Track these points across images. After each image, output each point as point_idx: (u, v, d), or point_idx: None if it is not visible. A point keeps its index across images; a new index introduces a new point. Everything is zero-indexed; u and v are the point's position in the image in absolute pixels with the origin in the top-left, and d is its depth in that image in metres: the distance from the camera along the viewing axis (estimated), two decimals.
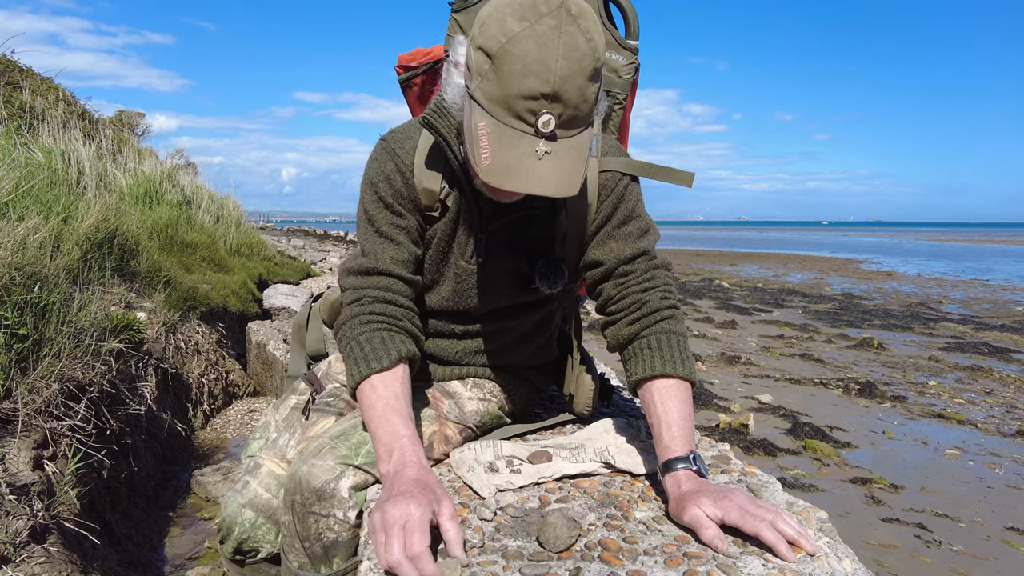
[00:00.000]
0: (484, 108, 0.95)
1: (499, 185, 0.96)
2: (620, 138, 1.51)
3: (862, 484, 3.51)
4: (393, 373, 1.09)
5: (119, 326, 2.78)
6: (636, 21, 1.42)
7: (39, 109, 5.92)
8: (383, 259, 1.18)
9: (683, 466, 1.02)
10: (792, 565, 0.87)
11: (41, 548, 1.61)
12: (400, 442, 1.01)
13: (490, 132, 0.95)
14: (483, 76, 0.94)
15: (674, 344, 1.14)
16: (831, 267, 19.62)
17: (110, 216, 3.52)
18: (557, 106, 0.92)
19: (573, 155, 0.97)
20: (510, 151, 0.94)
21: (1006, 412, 4.88)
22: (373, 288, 1.17)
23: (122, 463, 2.44)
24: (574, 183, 0.97)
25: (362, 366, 1.09)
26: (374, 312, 1.15)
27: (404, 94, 1.56)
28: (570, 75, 0.91)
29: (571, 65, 0.91)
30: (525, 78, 0.91)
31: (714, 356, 6.48)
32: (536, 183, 0.95)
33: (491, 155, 0.95)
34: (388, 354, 1.10)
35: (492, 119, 0.95)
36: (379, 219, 1.19)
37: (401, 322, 1.17)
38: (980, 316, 9.85)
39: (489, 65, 0.93)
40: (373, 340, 1.11)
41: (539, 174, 0.94)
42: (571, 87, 0.92)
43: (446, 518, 0.89)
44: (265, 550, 1.26)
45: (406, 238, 1.20)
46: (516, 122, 0.94)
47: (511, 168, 0.95)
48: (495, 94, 0.93)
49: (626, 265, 1.20)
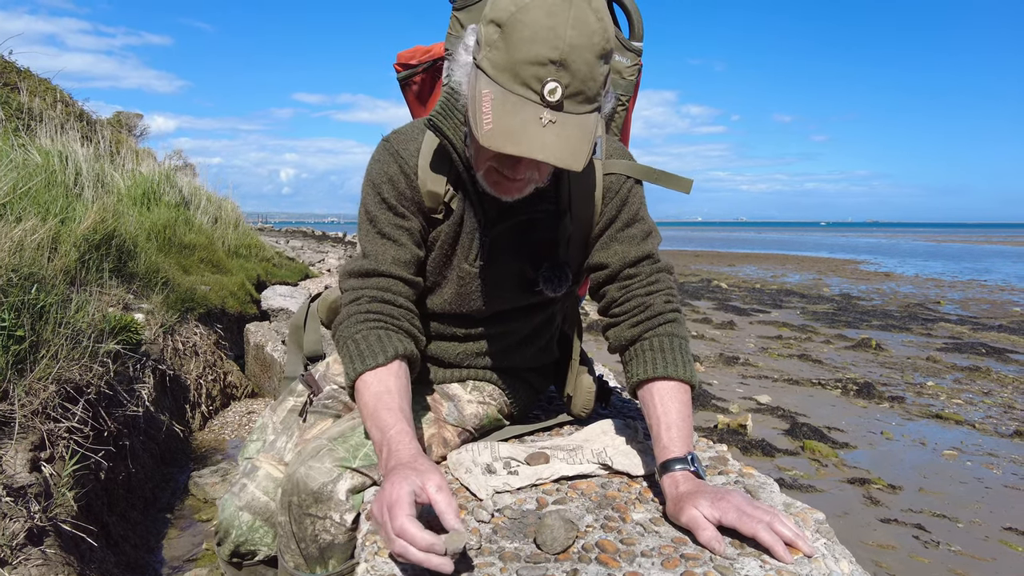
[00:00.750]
0: (490, 76, 0.94)
1: (499, 148, 0.93)
2: (621, 139, 1.51)
3: (860, 485, 3.51)
4: (387, 369, 1.08)
5: (117, 327, 2.78)
6: (640, 22, 1.42)
7: (37, 110, 5.91)
8: (384, 260, 1.17)
9: (681, 467, 1.02)
10: (789, 566, 0.87)
11: (38, 550, 1.60)
12: (388, 436, 0.99)
13: (494, 98, 0.93)
14: (491, 46, 0.94)
15: (676, 347, 1.14)
16: (829, 268, 19.64)
17: (108, 217, 3.51)
18: (564, 74, 0.91)
19: (579, 132, 0.95)
20: (513, 116, 0.93)
21: (1004, 412, 4.89)
22: (372, 289, 1.16)
23: (120, 465, 2.43)
24: (579, 158, 0.94)
25: (357, 363, 1.08)
26: (371, 311, 1.14)
27: (403, 92, 1.56)
28: (579, 46, 0.90)
29: (580, 37, 0.91)
30: (533, 44, 0.90)
31: (712, 357, 6.48)
32: (539, 149, 0.92)
33: (493, 120, 0.93)
34: (384, 351, 1.08)
35: (497, 86, 0.93)
36: (381, 220, 1.18)
37: (399, 321, 1.15)
38: (978, 317, 9.86)
39: (498, 34, 0.93)
40: (369, 338, 1.10)
41: (542, 140, 0.92)
42: (579, 58, 0.91)
43: (433, 491, 0.87)
44: (263, 552, 1.26)
45: (408, 239, 1.19)
46: (522, 88, 0.92)
47: (513, 132, 0.92)
48: (502, 61, 0.93)
49: (631, 268, 1.20)
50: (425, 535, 0.80)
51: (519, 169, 1.04)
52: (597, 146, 1.20)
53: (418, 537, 0.80)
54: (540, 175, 1.07)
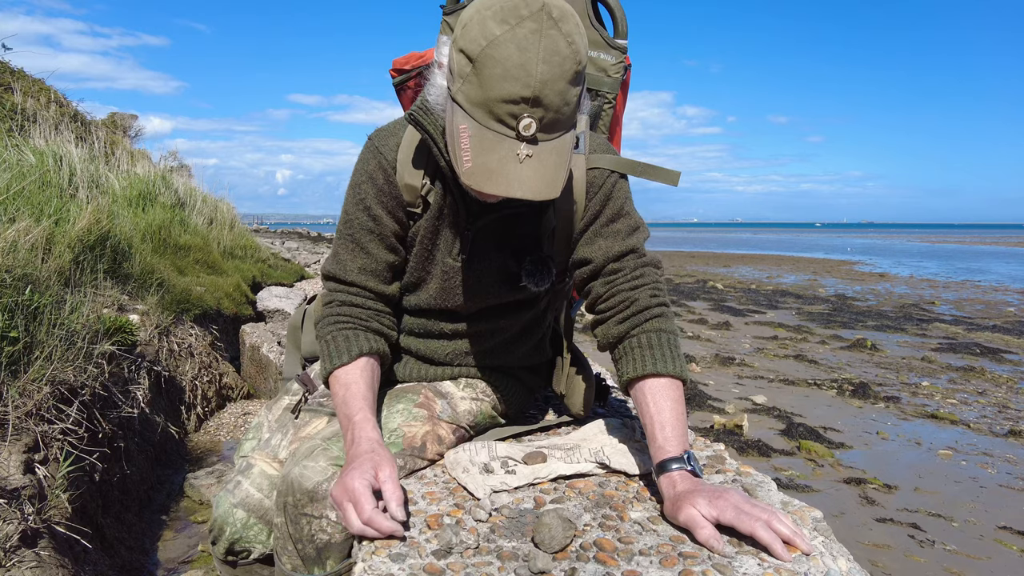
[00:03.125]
0: (465, 111, 0.96)
1: (480, 188, 0.96)
2: (611, 138, 1.51)
3: (856, 484, 3.52)
4: (354, 365, 1.16)
5: (111, 329, 2.76)
6: (624, 20, 1.42)
7: (31, 111, 5.88)
8: (351, 270, 1.24)
9: (678, 466, 1.02)
10: (788, 564, 0.87)
11: (32, 552, 1.59)
12: (351, 423, 1.08)
13: (472, 135, 0.95)
14: (464, 79, 0.95)
15: (664, 342, 1.13)
16: (824, 268, 19.71)
17: (102, 218, 3.50)
18: (538, 110, 0.92)
19: (555, 158, 0.97)
20: (491, 154, 0.95)
21: (998, 412, 4.91)
22: (343, 293, 1.24)
23: (114, 466, 2.42)
24: (555, 186, 0.97)
25: (326, 363, 1.17)
26: (341, 314, 1.22)
27: (399, 97, 1.57)
28: (551, 79, 0.91)
29: (552, 69, 0.91)
30: (505, 82, 0.91)
31: (708, 357, 6.49)
32: (517, 186, 0.95)
33: (472, 158, 0.95)
34: (350, 350, 1.16)
35: (473, 122, 0.95)
36: (355, 224, 1.23)
37: (367, 322, 1.22)
38: (972, 317, 9.91)
39: (470, 69, 0.93)
40: (338, 338, 1.18)
41: (520, 177, 0.95)
42: (551, 91, 0.92)
43: (383, 481, 0.97)
44: (257, 551, 1.25)
45: (379, 246, 1.23)
46: (497, 125, 0.94)
47: (492, 171, 0.95)
48: (476, 97, 0.94)
49: (615, 263, 1.20)
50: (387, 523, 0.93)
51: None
52: (580, 141, 1.20)
53: (384, 525, 0.93)
54: None
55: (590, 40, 1.39)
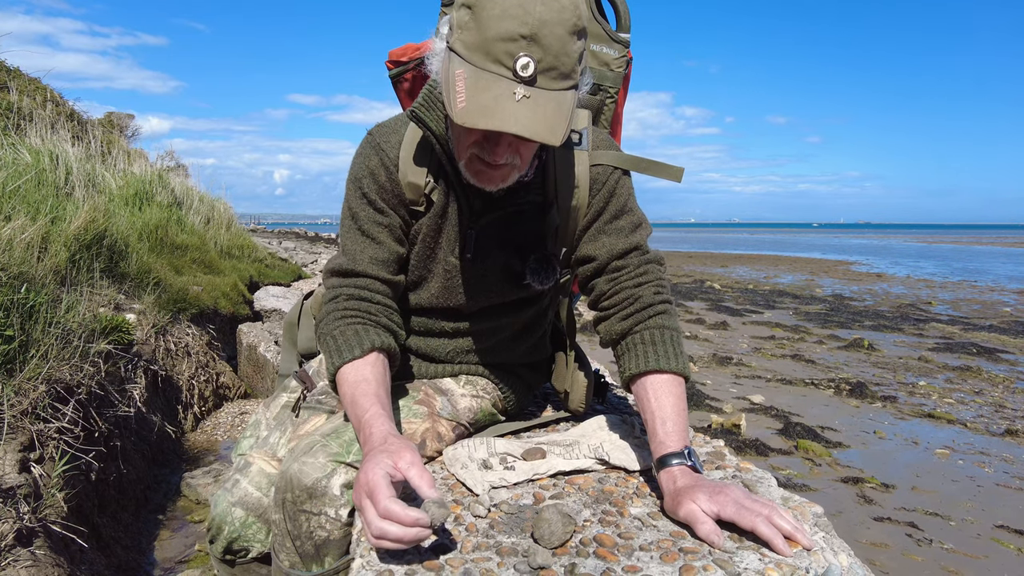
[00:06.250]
0: (462, 57, 0.95)
1: (473, 124, 0.93)
2: (612, 133, 1.50)
3: (853, 484, 3.52)
4: (364, 360, 1.09)
5: (108, 328, 2.75)
6: (627, 14, 1.42)
7: (27, 109, 5.86)
8: (362, 260, 1.18)
9: (678, 462, 1.01)
10: (788, 559, 0.87)
11: (27, 552, 1.58)
12: (363, 420, 1.01)
13: (467, 77, 0.94)
14: (463, 27, 0.95)
15: (667, 339, 1.13)
16: (822, 269, 19.74)
17: (99, 217, 3.48)
18: (536, 49, 0.92)
19: (554, 107, 0.95)
20: (486, 92, 0.93)
21: (995, 411, 4.92)
22: (350, 287, 1.18)
23: (111, 466, 2.41)
24: (556, 132, 0.94)
25: (335, 358, 1.10)
26: (348, 308, 1.15)
27: (395, 90, 1.56)
28: (549, 21, 0.91)
29: (550, 12, 0.91)
30: (503, 20, 0.91)
31: (706, 357, 6.49)
32: (513, 123, 0.92)
33: (467, 98, 0.93)
34: (360, 344, 1.10)
35: (470, 66, 0.94)
36: (361, 217, 1.19)
37: (376, 317, 1.16)
38: (969, 317, 9.93)
39: (469, 15, 0.94)
40: (347, 333, 1.12)
41: (516, 115, 0.92)
42: (550, 33, 0.92)
43: (405, 467, 0.89)
44: (255, 549, 1.24)
45: (388, 236, 1.20)
46: (494, 65, 0.93)
47: (487, 108, 0.92)
48: (473, 40, 0.93)
49: (618, 260, 1.19)
50: (410, 511, 0.83)
51: (498, 152, 1.03)
52: (583, 136, 1.20)
53: (403, 515, 0.83)
54: (522, 160, 1.07)
55: (593, 33, 1.38)
